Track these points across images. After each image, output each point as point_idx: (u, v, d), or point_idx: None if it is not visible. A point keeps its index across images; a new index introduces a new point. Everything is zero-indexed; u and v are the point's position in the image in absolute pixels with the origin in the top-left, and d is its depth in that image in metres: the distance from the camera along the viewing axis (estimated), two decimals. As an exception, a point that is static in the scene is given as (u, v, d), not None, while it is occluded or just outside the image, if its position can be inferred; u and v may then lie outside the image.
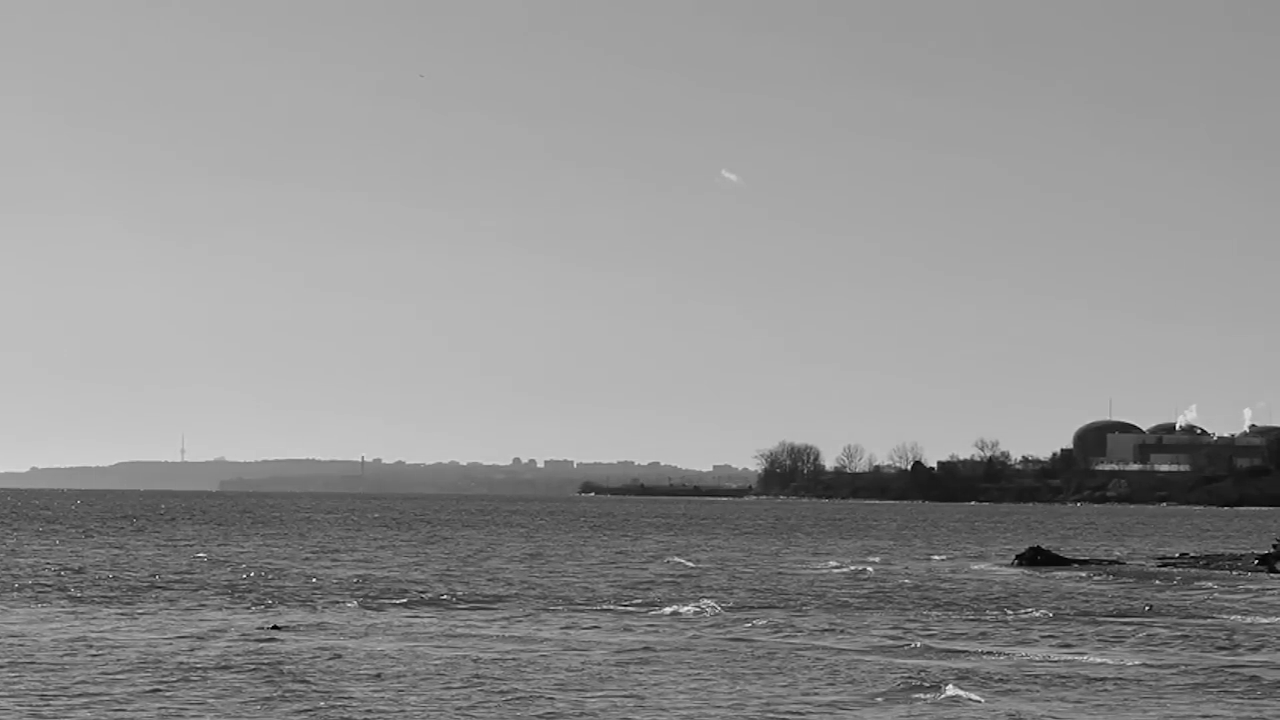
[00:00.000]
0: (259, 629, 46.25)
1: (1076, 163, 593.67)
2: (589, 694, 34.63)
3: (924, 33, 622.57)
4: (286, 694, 33.83)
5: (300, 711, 32.01)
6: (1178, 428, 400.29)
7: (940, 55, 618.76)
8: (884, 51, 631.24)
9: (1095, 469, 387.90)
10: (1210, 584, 73.22)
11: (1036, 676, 38.24)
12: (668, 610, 54.52)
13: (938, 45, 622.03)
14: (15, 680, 35.12)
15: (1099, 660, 41.88)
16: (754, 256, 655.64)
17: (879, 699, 34.62)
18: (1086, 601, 62.23)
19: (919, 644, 45.15)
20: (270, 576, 69.45)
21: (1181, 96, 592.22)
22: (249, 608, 53.47)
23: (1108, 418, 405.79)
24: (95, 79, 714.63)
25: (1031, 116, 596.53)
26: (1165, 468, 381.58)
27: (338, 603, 56.03)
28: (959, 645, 45.24)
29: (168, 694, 33.77)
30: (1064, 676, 38.36)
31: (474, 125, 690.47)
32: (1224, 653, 44.34)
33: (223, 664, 38.17)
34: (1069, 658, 42.48)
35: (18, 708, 31.81)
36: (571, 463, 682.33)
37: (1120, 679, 38.10)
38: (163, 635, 44.28)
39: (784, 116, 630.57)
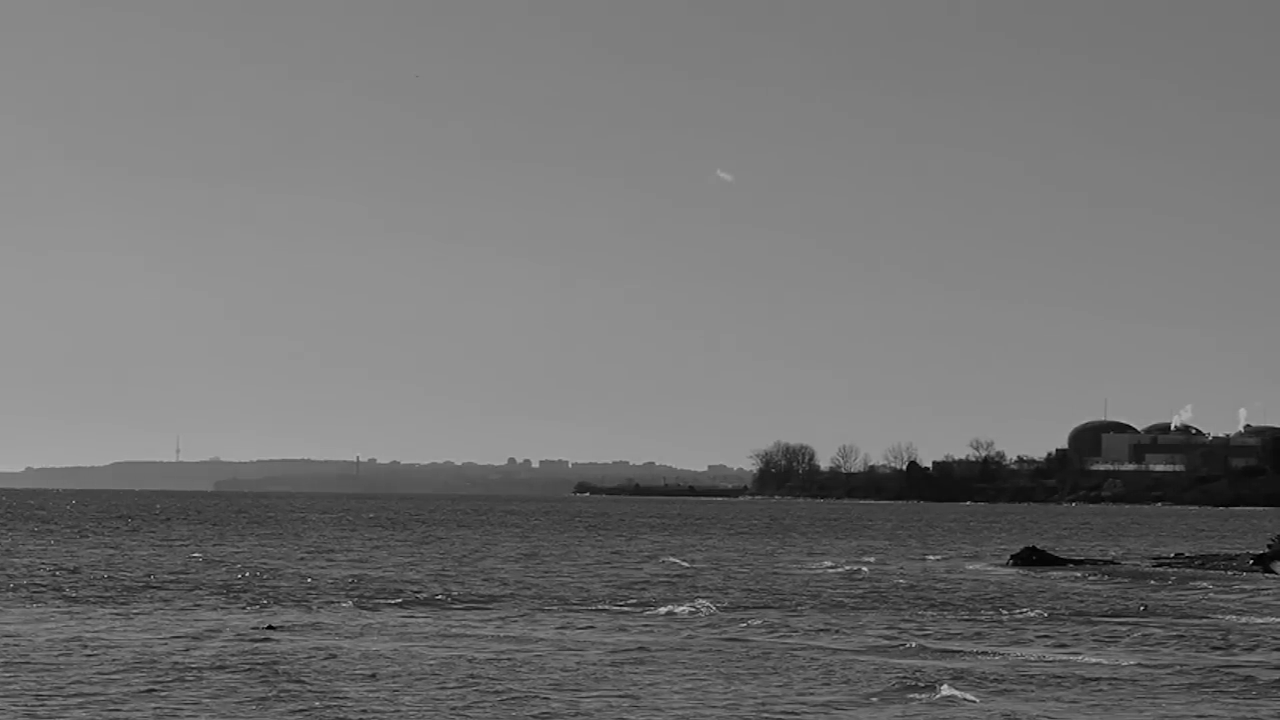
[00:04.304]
0: (254, 629, 46.24)
1: (1072, 163, 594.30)
2: (584, 694, 34.63)
3: (920, 32, 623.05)
4: (282, 694, 33.83)
5: (295, 711, 32.00)
6: (1173, 428, 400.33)
7: (936, 55, 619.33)
8: (880, 51, 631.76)
9: (1090, 469, 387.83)
10: (1205, 584, 73.25)
11: (1032, 676, 38.26)
12: (663, 610, 54.52)
13: (934, 45, 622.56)
14: (10, 680, 35.10)
15: (1094, 660, 41.90)
16: (749, 256, 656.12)
17: (874, 699, 34.63)
18: (1081, 601, 62.24)
19: (914, 644, 45.16)
20: (265, 576, 69.43)
21: (1178, 97, 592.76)
22: (244, 608, 53.45)
23: (1103, 418, 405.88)
24: (93, 79, 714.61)
25: (1027, 116, 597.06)
26: (1160, 468, 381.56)
27: (333, 603, 56.02)
28: (954, 645, 45.25)
29: (163, 694, 33.76)
30: (1059, 676, 38.37)
31: (469, 125, 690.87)
32: (1219, 653, 44.36)
33: (218, 664, 38.16)
34: (1064, 658, 42.49)
35: (13, 708, 31.80)
36: (566, 463, 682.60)
37: (1115, 679, 38.11)
38: (158, 635, 44.27)
39: (779, 116, 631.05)
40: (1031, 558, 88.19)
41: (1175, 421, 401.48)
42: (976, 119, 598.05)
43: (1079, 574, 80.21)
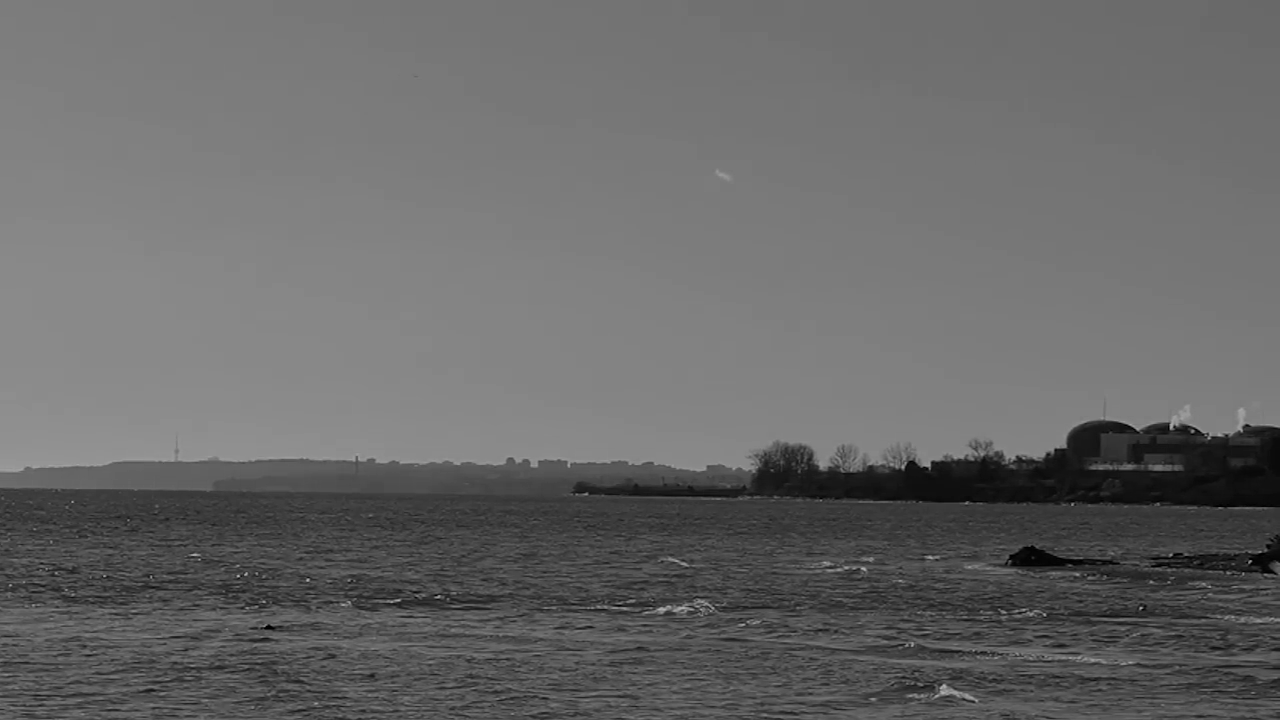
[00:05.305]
0: (253, 629, 46.22)
1: (1071, 162, 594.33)
2: (583, 694, 34.62)
3: (919, 32, 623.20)
4: (280, 694, 33.81)
5: (294, 711, 31.99)
6: (1172, 428, 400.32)
7: (935, 54, 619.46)
8: (878, 51, 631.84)
9: (1089, 469, 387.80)
10: (1204, 584, 73.24)
11: (1030, 676, 38.25)
12: (662, 610, 54.50)
13: (932, 44, 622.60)
14: (9, 680, 35.08)
15: (1093, 660, 41.89)
16: (748, 256, 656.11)
17: (873, 699, 34.62)
18: (1080, 601, 62.24)
19: (913, 644, 45.15)
20: (264, 576, 69.41)
21: (1176, 95, 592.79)
22: (243, 608, 53.44)
23: (1102, 418, 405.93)
24: (92, 77, 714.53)
25: (1026, 115, 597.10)
26: (1159, 468, 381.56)
27: (332, 603, 56.00)
28: (953, 645, 45.24)
29: (162, 694, 33.74)
30: (1058, 676, 38.36)
31: (467, 125, 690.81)
32: (1218, 653, 44.35)
33: (217, 664, 38.15)
34: (1063, 658, 42.48)
35: (12, 708, 31.79)
36: (565, 463, 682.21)
37: (1114, 679, 38.10)
38: (157, 635, 44.25)
39: (777, 116, 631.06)
40: (1030, 558, 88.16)
41: (1174, 421, 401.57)
42: (976, 119, 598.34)
43: (1078, 574, 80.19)
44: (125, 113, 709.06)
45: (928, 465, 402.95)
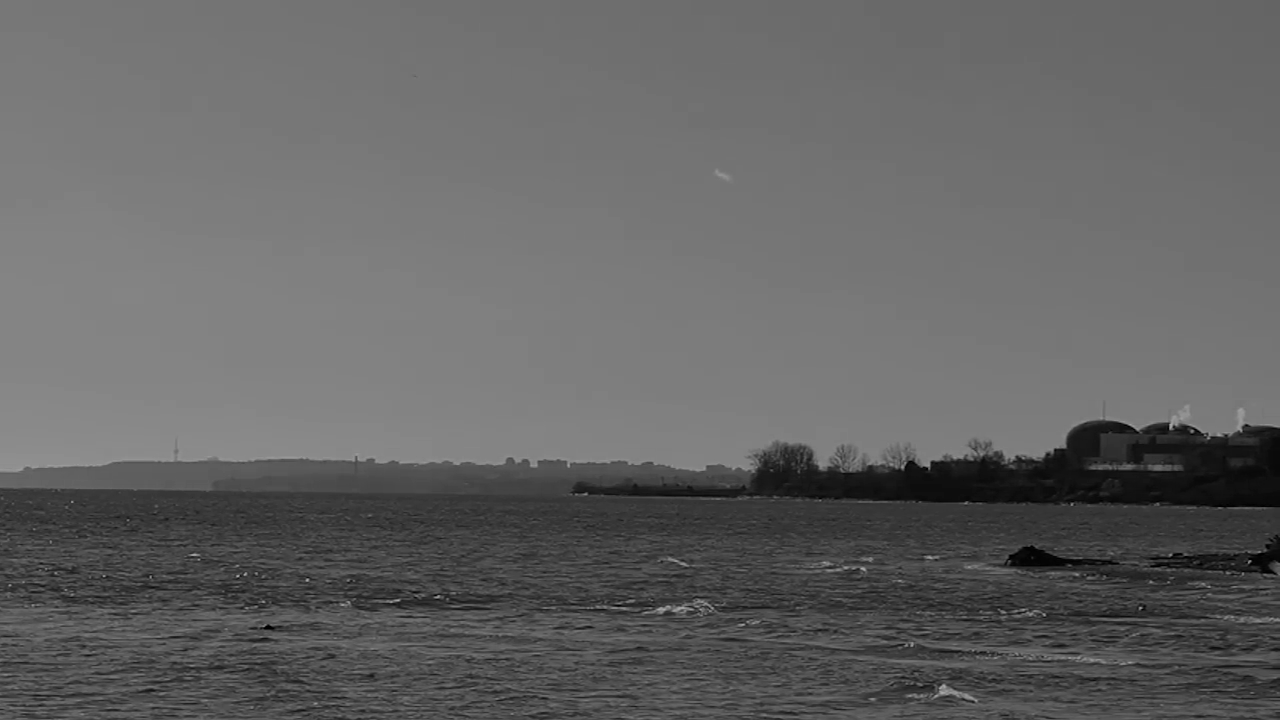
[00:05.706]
0: (252, 629, 46.23)
1: (1070, 163, 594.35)
2: (582, 694, 34.63)
3: (919, 32, 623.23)
4: (280, 694, 33.82)
5: (294, 711, 32.00)
6: (1171, 428, 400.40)
7: (934, 54, 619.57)
8: (878, 51, 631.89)
9: (1089, 469, 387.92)
10: (1204, 584, 73.25)
11: (1030, 676, 38.25)
12: (661, 610, 54.50)
13: (932, 44, 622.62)
14: (9, 680, 35.08)
15: (1092, 660, 41.89)
16: (747, 255, 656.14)
17: (872, 699, 34.62)
18: (1080, 601, 62.25)
19: (912, 644, 45.16)
20: (264, 576, 69.42)
21: (1175, 96, 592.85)
22: (242, 608, 53.45)
23: (1101, 418, 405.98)
24: (92, 76, 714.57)
25: (1025, 116, 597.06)
26: (1158, 468, 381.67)
27: (331, 603, 56.01)
28: (952, 645, 45.25)
29: (161, 694, 33.75)
30: (1057, 676, 38.37)
31: (466, 125, 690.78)
32: (1217, 653, 44.36)
33: (216, 664, 38.16)
34: (1062, 658, 42.48)
35: (11, 708, 31.80)
36: (565, 463, 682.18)
37: (1114, 679, 38.11)
38: (156, 635, 44.26)
39: (777, 116, 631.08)
40: (1030, 558, 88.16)
41: (1173, 421, 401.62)
42: (975, 119, 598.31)
43: (1077, 574, 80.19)
44: (124, 113, 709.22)
45: (927, 465, 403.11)
